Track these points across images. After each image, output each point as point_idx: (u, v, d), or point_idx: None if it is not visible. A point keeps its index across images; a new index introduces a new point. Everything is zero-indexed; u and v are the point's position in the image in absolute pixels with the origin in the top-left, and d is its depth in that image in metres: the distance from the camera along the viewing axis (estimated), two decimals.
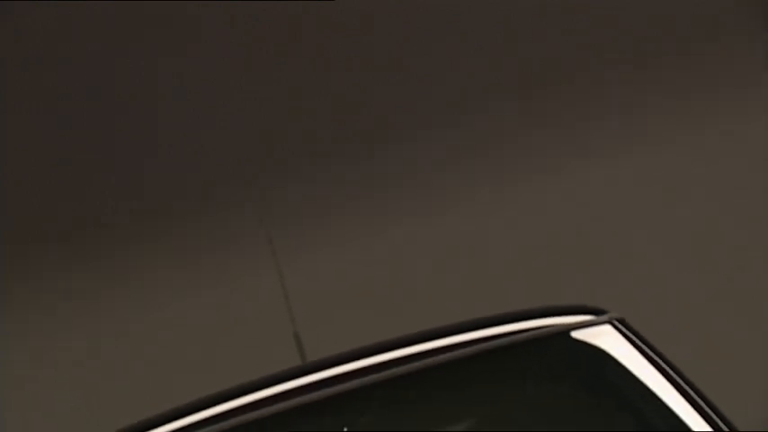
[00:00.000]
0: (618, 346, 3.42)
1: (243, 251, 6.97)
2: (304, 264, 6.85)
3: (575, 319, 3.49)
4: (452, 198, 7.69)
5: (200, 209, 7.73)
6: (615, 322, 3.46)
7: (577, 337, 3.47)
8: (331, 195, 7.75)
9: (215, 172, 7.81)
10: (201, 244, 7.67)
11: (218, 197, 7.73)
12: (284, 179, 7.76)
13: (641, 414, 3.41)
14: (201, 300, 7.55)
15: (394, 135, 7.77)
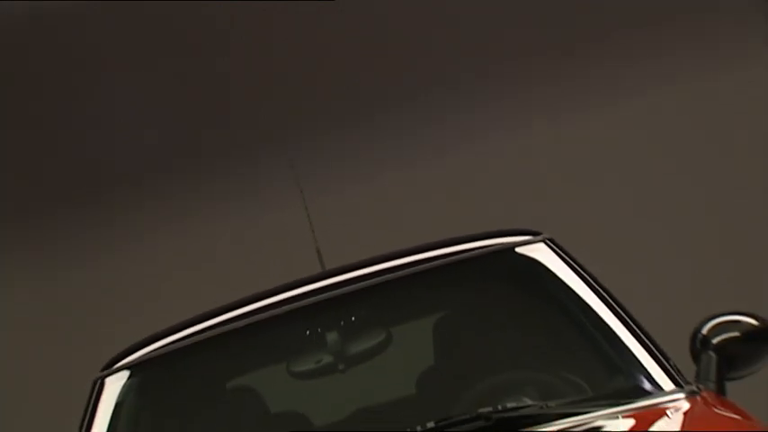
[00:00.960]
0: (550, 258, 3.75)
1: (273, 188, 7.14)
2: (327, 200, 6.90)
3: (519, 238, 3.85)
4: (456, 143, 7.84)
5: (238, 154, 7.90)
6: (548, 241, 3.80)
7: (520, 251, 3.82)
8: (351, 142, 7.89)
9: (252, 123, 7.98)
10: (237, 181, 7.84)
11: (255, 143, 7.90)
12: (312, 128, 7.89)
13: (566, 308, 3.69)
14: (235, 226, 7.71)
15: (406, 90, 7.89)
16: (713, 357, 3.47)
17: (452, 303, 3.94)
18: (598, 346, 3.59)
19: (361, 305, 3.87)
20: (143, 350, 3.81)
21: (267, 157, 7.69)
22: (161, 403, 3.84)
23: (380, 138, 7.95)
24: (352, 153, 7.89)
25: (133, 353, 3.81)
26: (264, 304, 3.82)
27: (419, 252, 3.88)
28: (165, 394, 3.84)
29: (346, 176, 7.76)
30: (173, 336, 3.82)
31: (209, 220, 7.84)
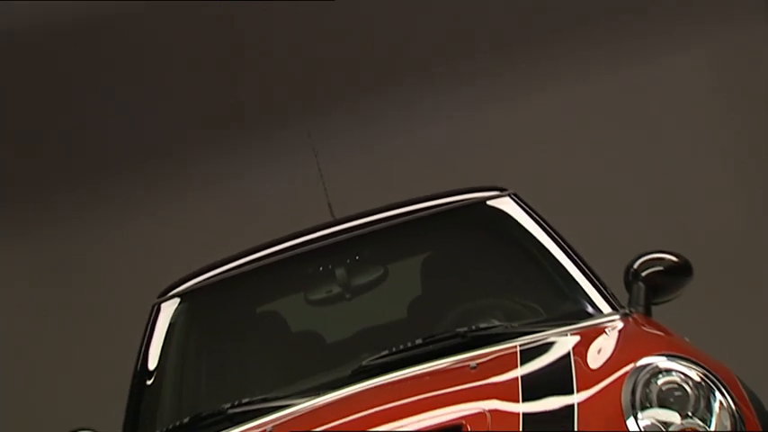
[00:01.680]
0: (514, 209, 3.81)
1: (293, 155, 6.83)
2: (338, 164, 6.60)
3: (489, 193, 3.89)
4: (449, 114, 7.73)
5: (261, 126, 7.79)
6: (512, 195, 3.85)
7: (490, 203, 3.86)
8: (360, 114, 7.77)
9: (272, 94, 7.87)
10: (260, 148, 7.72)
11: (275, 116, 7.78)
12: (326, 101, 7.77)
13: (527, 249, 3.73)
14: (260, 187, 7.60)
15: (410, 67, 7.78)
16: (642, 287, 3.52)
17: (436, 245, 3.98)
18: (552, 279, 3.65)
19: (363, 247, 3.92)
20: (190, 282, 3.89)
21: (286, 128, 7.59)
22: (204, 323, 3.89)
23: (386, 109, 7.85)
24: (361, 123, 7.80)
25: (183, 284, 3.90)
26: (286, 246, 3.90)
27: (410, 204, 3.95)
28: (208, 316, 3.89)
29: (355, 143, 7.66)
30: (214, 270, 3.89)
31: (238, 183, 7.74)
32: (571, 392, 2.86)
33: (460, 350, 3.28)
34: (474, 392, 2.99)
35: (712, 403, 2.77)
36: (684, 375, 2.81)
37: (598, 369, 2.96)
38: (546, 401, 2.87)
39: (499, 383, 3.01)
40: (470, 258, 3.95)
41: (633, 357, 2.90)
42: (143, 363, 3.70)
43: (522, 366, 3.09)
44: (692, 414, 2.75)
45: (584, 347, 3.11)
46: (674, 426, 2.73)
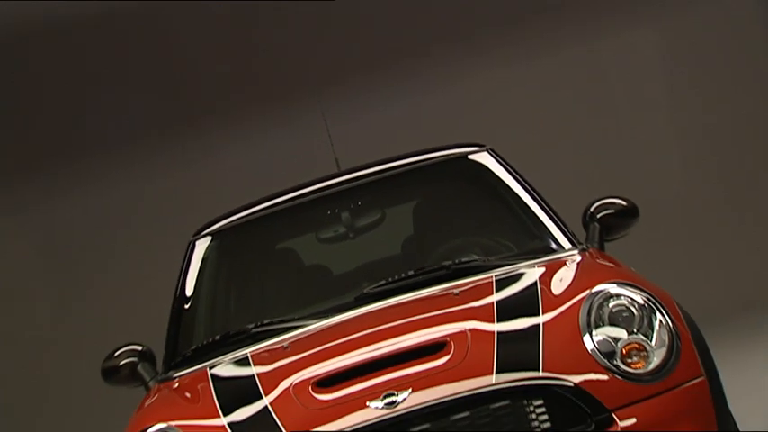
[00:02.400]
0: (491, 163, 3.79)
1: (307, 118, 6.75)
2: (345, 126, 6.42)
3: (470, 149, 3.87)
4: (444, 85, 7.72)
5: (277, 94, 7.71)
6: (490, 151, 3.83)
7: (471, 157, 3.84)
8: (367, 83, 7.73)
9: None
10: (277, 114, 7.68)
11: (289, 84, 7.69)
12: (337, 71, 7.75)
13: (502, 196, 3.71)
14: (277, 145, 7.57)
15: (412, 41, 7.75)
16: (597, 227, 3.50)
17: (425, 193, 3.95)
18: (522, 221, 3.65)
19: (364, 194, 3.90)
20: (220, 223, 3.89)
21: (300, 98, 7.46)
22: (232, 257, 3.86)
23: (388, 81, 7.79)
24: (365, 92, 7.73)
25: (213, 224, 3.90)
26: (301, 193, 3.89)
27: (403, 158, 3.93)
28: (235, 251, 3.86)
29: (360, 109, 7.61)
30: (239, 213, 3.89)
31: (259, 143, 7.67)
32: (537, 314, 2.87)
33: (446, 280, 3.29)
34: (456, 315, 3.00)
35: (654, 322, 2.79)
36: (631, 299, 2.83)
37: (560, 295, 2.97)
38: (517, 322, 2.87)
39: (478, 307, 3.02)
40: (454, 204, 3.92)
41: (589, 285, 2.91)
42: (181, 290, 3.70)
43: (497, 293, 3.09)
44: (636, 331, 2.77)
45: (548, 277, 3.13)
46: (622, 341, 2.75)
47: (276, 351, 3.14)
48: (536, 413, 2.64)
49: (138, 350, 3.51)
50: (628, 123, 7.87)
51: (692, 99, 7.90)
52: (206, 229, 3.89)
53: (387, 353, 2.83)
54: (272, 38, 7.77)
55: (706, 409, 2.72)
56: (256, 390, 2.88)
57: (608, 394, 2.64)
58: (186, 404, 2.99)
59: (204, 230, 3.89)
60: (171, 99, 7.82)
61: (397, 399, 2.67)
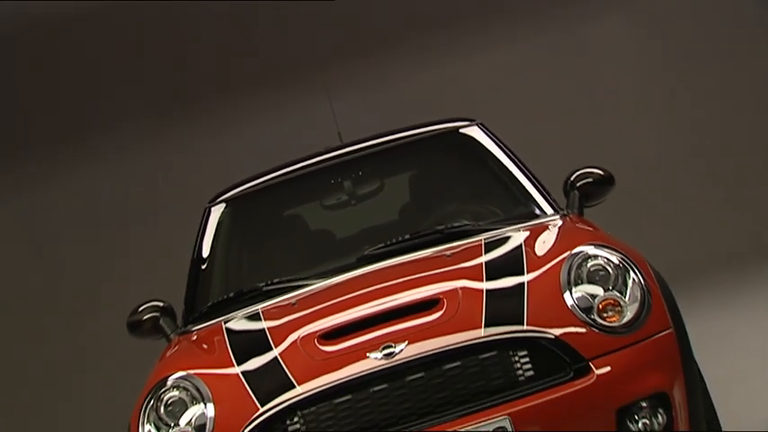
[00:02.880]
0: (481, 136, 3.79)
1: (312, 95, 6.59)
2: (347, 102, 6.65)
3: (461, 123, 3.87)
4: (441, 64, 7.67)
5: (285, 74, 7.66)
6: (480, 125, 3.83)
7: (462, 131, 3.83)
8: (369, 61, 7.69)
9: None
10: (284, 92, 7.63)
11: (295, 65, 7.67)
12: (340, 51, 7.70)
13: (490, 167, 3.70)
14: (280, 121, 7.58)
15: (411, 24, 7.70)
16: (576, 194, 3.49)
17: (420, 164, 3.93)
18: (509, 189, 3.63)
19: (365, 165, 3.89)
20: (233, 190, 3.88)
21: (306, 74, 7.44)
22: (244, 222, 3.86)
23: (389, 61, 7.75)
24: (365, 71, 7.68)
25: (227, 192, 3.89)
26: (307, 163, 3.88)
27: (400, 132, 3.92)
28: (247, 217, 3.85)
29: (360, 87, 7.55)
30: (251, 182, 3.89)
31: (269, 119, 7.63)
32: (522, 273, 2.87)
33: (439, 243, 3.29)
34: (448, 274, 3.01)
35: (627, 280, 2.80)
36: (607, 260, 2.83)
37: (543, 256, 2.97)
38: (503, 280, 2.87)
39: (468, 267, 3.02)
40: (447, 174, 3.90)
41: (569, 247, 2.91)
42: (198, 252, 3.71)
43: (486, 254, 3.09)
44: (612, 288, 2.78)
45: (532, 240, 3.13)
46: (598, 297, 2.75)
47: (285, 307, 3.15)
48: (520, 363, 2.65)
49: (160, 306, 3.51)
50: (605, 100, 7.83)
51: (666, 76, 7.88)
52: (220, 197, 3.88)
53: (385, 309, 2.83)
54: (279, 22, 7.73)
55: (673, 358, 2.73)
56: (267, 342, 2.88)
57: (585, 345, 2.65)
58: (203, 355, 3.01)
59: (219, 197, 3.88)
60: (186, 78, 7.78)
61: (395, 350, 2.68)
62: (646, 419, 2.64)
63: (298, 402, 2.64)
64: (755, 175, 7.71)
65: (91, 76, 7.79)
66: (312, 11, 7.62)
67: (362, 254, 3.35)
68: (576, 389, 2.59)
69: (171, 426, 2.71)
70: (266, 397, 2.67)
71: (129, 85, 7.77)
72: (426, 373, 2.64)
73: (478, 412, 2.59)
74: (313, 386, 2.65)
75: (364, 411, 2.63)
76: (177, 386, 2.76)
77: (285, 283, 3.34)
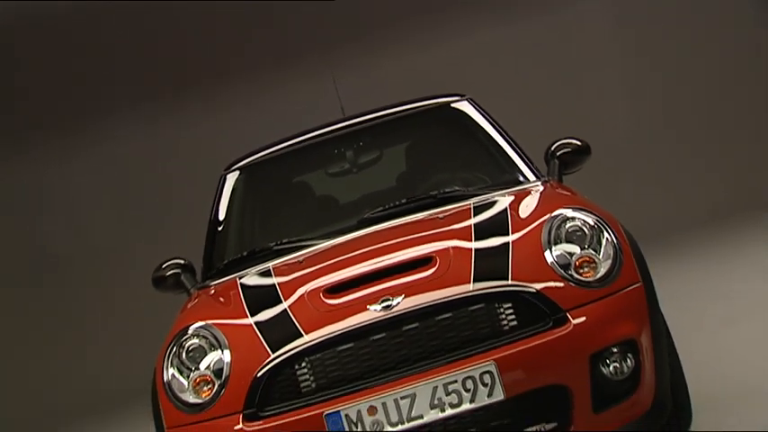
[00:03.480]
0: (470, 110, 3.77)
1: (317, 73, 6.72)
2: (350, 79, 6.60)
3: (452, 98, 3.84)
4: (439, 44, 7.70)
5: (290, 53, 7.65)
6: (469, 100, 3.81)
7: (453, 105, 3.80)
8: (369, 41, 7.70)
9: None
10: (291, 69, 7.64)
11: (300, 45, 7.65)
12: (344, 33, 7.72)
13: (479, 138, 3.68)
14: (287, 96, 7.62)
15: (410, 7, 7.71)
16: (556, 162, 3.48)
17: (415, 136, 3.91)
18: (495, 158, 3.61)
19: (365, 136, 3.87)
20: (246, 159, 3.86)
21: (312, 53, 7.47)
22: (256, 188, 3.84)
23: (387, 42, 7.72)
24: (368, 50, 7.63)
25: (241, 161, 3.87)
26: (312, 135, 3.86)
27: (397, 106, 3.90)
28: (259, 183, 3.84)
29: (363, 65, 7.52)
30: (262, 152, 3.87)
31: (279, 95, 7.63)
32: (507, 234, 2.87)
33: (432, 207, 3.28)
34: (441, 235, 3.00)
35: (601, 239, 2.79)
36: (584, 221, 2.82)
37: (526, 218, 2.96)
38: (490, 240, 2.87)
39: (458, 229, 3.01)
40: (439, 144, 3.88)
41: (549, 209, 2.91)
42: (215, 216, 3.70)
43: (475, 217, 3.08)
44: (587, 246, 2.78)
45: (516, 203, 3.11)
46: (575, 255, 2.75)
47: (293, 264, 3.15)
48: (505, 314, 2.66)
49: (181, 263, 3.51)
50: (582, 78, 7.83)
51: (640, 55, 7.86)
52: (235, 165, 3.86)
53: (383, 266, 2.83)
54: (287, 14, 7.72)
55: (641, 309, 2.74)
56: (277, 296, 2.89)
57: (563, 298, 2.66)
58: (220, 307, 3.01)
59: (233, 166, 3.86)
60: (202, 59, 7.78)
61: (392, 303, 2.68)
62: (616, 363, 2.65)
63: (305, 350, 2.66)
64: (718, 145, 7.72)
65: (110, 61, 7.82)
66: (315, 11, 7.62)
67: (363, 217, 3.35)
68: (555, 337, 2.61)
69: (192, 370, 2.73)
70: (277, 344, 2.68)
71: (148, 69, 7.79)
72: (420, 323, 2.65)
73: (467, 358, 2.60)
74: (319, 335, 2.66)
75: (365, 358, 2.64)
76: (197, 334, 2.77)
77: (293, 243, 3.34)
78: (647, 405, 2.69)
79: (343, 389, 2.61)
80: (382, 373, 2.62)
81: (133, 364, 5.89)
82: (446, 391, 2.56)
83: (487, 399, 2.55)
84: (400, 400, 2.56)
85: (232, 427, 2.61)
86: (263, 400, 2.63)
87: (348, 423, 2.56)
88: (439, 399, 2.56)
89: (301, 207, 3.78)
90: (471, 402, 2.55)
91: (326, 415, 2.58)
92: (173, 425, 2.72)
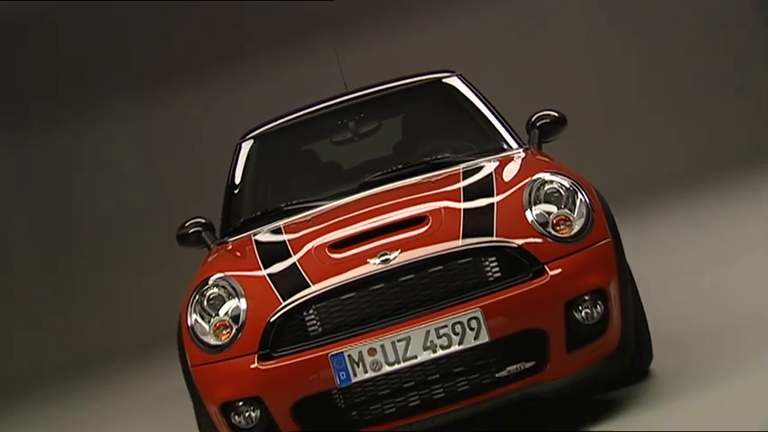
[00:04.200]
0: (460, 84, 3.71)
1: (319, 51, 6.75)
2: (354, 57, 6.48)
3: (443, 74, 3.79)
4: (438, 26, 7.67)
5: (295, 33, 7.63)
6: (459, 75, 3.75)
7: (444, 81, 3.75)
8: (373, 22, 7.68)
9: None
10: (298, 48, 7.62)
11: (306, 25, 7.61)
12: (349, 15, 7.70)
13: (467, 111, 3.62)
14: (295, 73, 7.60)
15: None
16: (536, 132, 3.43)
17: (410, 108, 3.87)
18: (482, 128, 3.58)
19: (365, 108, 3.84)
20: (260, 129, 3.84)
21: (318, 33, 7.41)
22: (268, 154, 3.81)
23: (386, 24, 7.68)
24: (370, 31, 7.58)
25: (255, 130, 3.85)
26: (319, 107, 3.83)
27: (394, 81, 3.85)
28: (270, 150, 3.80)
29: (364, 44, 7.47)
30: (274, 122, 3.84)
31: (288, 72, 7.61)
32: (492, 195, 2.86)
33: (426, 171, 3.26)
34: (433, 197, 2.98)
35: (576, 200, 2.80)
36: (560, 183, 2.83)
37: (509, 181, 2.95)
38: (477, 201, 2.85)
39: (449, 191, 3.00)
40: (432, 116, 3.84)
41: (530, 174, 2.90)
42: (231, 179, 3.68)
43: (464, 180, 3.06)
44: (563, 206, 2.78)
45: (501, 168, 3.10)
46: (553, 214, 2.76)
47: (301, 223, 3.14)
48: (490, 266, 2.66)
49: (202, 222, 3.50)
50: (560, 56, 7.83)
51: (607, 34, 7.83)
52: (249, 134, 3.84)
53: (382, 224, 2.83)
54: None
55: (610, 261, 2.74)
56: (287, 250, 2.89)
57: (542, 252, 2.66)
58: (237, 260, 3.01)
59: (248, 135, 3.84)
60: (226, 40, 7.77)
61: (390, 257, 2.69)
62: (587, 309, 2.67)
63: (312, 298, 2.66)
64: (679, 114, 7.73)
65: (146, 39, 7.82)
66: None
67: (364, 180, 3.33)
68: (534, 286, 2.61)
69: (212, 315, 2.74)
70: (287, 294, 2.69)
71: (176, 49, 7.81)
72: (415, 275, 2.65)
73: (456, 306, 2.61)
74: (324, 285, 2.67)
75: (365, 305, 2.64)
76: (217, 284, 2.78)
77: (301, 204, 3.33)
78: (613, 345, 2.71)
79: (346, 333, 2.62)
80: (381, 319, 2.62)
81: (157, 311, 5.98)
82: (437, 335, 2.58)
83: (474, 341, 2.58)
84: (397, 342, 2.58)
85: (248, 365, 2.63)
86: (276, 342, 2.65)
87: (350, 363, 2.59)
88: (431, 341, 2.58)
89: (309, 172, 3.76)
90: (460, 344, 2.58)
91: (332, 356, 2.60)
92: (196, 363, 2.75)
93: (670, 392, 2.71)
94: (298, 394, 2.61)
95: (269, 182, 3.75)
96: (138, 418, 4.68)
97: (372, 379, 2.59)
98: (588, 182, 2.91)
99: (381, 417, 2.61)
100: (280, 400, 2.62)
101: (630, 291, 2.82)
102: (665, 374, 2.87)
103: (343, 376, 2.59)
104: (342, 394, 2.61)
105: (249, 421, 2.66)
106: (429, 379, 2.60)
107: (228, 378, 2.64)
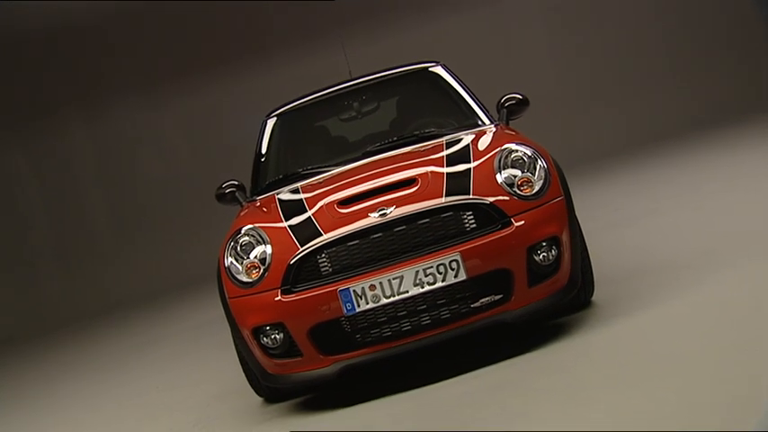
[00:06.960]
0: (443, 72, 3.66)
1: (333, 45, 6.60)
2: (358, 49, 6.52)
3: (429, 63, 3.73)
4: (439, 20, 7.57)
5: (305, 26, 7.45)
6: (442, 65, 3.69)
7: (430, 69, 3.70)
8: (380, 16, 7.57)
9: None
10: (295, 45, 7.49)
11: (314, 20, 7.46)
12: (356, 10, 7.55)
13: (450, 95, 3.57)
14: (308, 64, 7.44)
15: None
16: (505, 111, 3.41)
17: (403, 92, 3.79)
18: (461, 108, 3.52)
19: (366, 92, 3.79)
20: (282, 108, 3.79)
21: (327, 28, 7.29)
22: (289, 129, 3.76)
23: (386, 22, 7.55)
24: (372, 26, 7.45)
25: (278, 109, 3.80)
26: (330, 90, 3.79)
27: (389, 70, 3.80)
28: (291, 126, 3.75)
29: (366, 38, 7.32)
30: (293, 103, 3.80)
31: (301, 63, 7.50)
32: (470, 162, 2.84)
33: (416, 143, 3.24)
34: (421, 163, 2.96)
35: (536, 166, 2.79)
36: (524, 152, 2.82)
37: (483, 150, 2.92)
38: (458, 167, 2.83)
39: (434, 158, 2.96)
40: (421, 98, 3.78)
41: (499, 144, 2.90)
42: (258, 150, 3.66)
43: (446, 150, 3.03)
44: (527, 171, 2.78)
45: (477, 140, 3.08)
46: (518, 177, 2.75)
47: (315, 184, 3.13)
48: (467, 219, 2.66)
49: (236, 183, 3.50)
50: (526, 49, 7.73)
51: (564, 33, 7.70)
52: (273, 113, 3.81)
53: (380, 185, 2.83)
54: None
55: (563, 215, 2.75)
56: (303, 207, 2.89)
57: (509, 208, 2.66)
58: (263, 215, 3.00)
59: (272, 113, 3.81)
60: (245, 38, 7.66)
61: (387, 211, 2.69)
62: (544, 253, 2.67)
63: (324, 245, 2.67)
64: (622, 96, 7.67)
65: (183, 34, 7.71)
66: None
67: (366, 150, 3.32)
68: (503, 235, 2.62)
69: (244, 258, 2.75)
70: (304, 241, 2.71)
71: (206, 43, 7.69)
72: (407, 226, 2.65)
73: (440, 251, 2.62)
74: (333, 234, 2.68)
75: (366, 250, 2.65)
76: (248, 234, 2.80)
77: (315, 169, 3.32)
78: (564, 282, 2.73)
79: (352, 272, 2.63)
80: (379, 261, 2.63)
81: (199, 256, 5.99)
82: (425, 274, 2.59)
83: (454, 279, 2.59)
84: (392, 280, 2.60)
85: (273, 298, 2.66)
86: (295, 279, 2.67)
87: (355, 296, 2.60)
88: (420, 279, 2.59)
89: (321, 143, 3.71)
90: (443, 281, 2.59)
91: (340, 290, 2.62)
92: (232, 296, 2.76)
93: (606, 318, 2.76)
94: (313, 321, 2.63)
95: (289, 151, 3.71)
96: (186, 338, 4.80)
97: (373, 309, 2.61)
98: (546, 151, 2.90)
99: (380, 339, 2.63)
100: (298, 325, 2.64)
101: (578, 239, 2.83)
102: (603, 304, 2.92)
103: (349, 307, 2.61)
104: (348, 321, 2.63)
105: (275, 342, 2.70)
106: (418, 309, 2.62)
107: (258, 308, 2.66)
